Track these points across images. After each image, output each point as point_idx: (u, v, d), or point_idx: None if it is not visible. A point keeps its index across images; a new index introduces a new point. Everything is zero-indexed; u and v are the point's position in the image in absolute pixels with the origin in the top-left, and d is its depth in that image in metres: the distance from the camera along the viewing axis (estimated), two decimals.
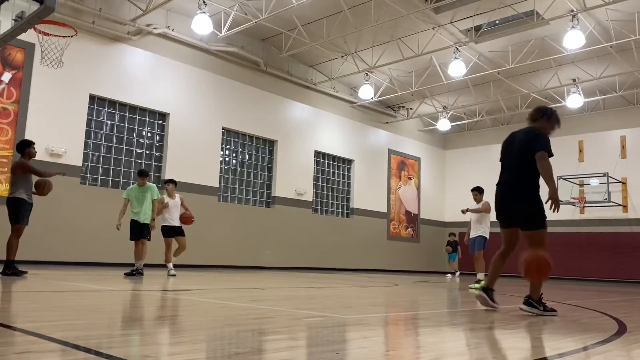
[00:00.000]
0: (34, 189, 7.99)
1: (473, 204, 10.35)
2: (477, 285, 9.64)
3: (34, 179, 8.04)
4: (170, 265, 9.75)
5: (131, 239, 9.19)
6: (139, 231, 9.11)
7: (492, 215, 10.26)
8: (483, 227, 10.12)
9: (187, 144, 14.84)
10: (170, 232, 9.82)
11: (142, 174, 9.36)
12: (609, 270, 19.28)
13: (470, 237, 10.26)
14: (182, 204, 10.00)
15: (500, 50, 16.22)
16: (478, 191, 10.39)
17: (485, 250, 10.09)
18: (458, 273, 18.08)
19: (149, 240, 9.24)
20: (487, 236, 10.13)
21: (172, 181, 10.07)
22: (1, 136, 11.72)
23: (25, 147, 8.07)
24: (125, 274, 8.87)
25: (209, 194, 15.15)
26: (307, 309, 4.80)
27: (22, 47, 11.96)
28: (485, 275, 9.81)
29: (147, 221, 9.15)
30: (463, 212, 10.40)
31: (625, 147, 19.62)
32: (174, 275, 9.41)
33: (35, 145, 8.24)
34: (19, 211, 7.70)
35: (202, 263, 14.30)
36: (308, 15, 14.65)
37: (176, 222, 9.86)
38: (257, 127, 16.80)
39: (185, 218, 9.96)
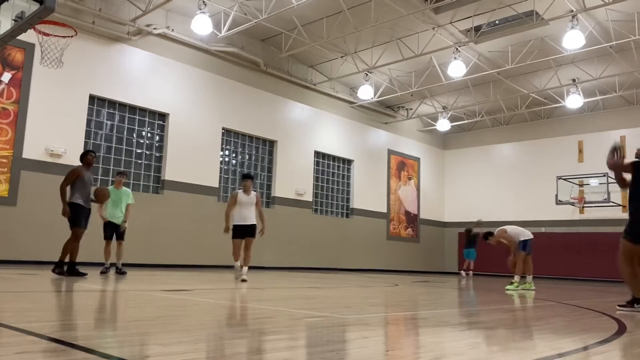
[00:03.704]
0: (92, 197, 8.46)
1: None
2: (512, 287, 9.63)
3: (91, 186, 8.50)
4: (245, 269, 8.81)
5: (107, 238, 9.38)
6: (116, 232, 9.45)
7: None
8: (524, 230, 9.92)
9: (187, 144, 14.84)
10: (239, 232, 8.86)
11: (124, 174, 9.82)
12: (608, 270, 19.21)
13: None
14: (256, 203, 8.96)
15: (500, 50, 16.22)
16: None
17: (529, 252, 9.81)
18: (467, 274, 17.19)
19: (123, 240, 9.57)
20: (527, 237, 9.76)
21: (249, 176, 9.11)
22: (1, 136, 11.72)
23: (83, 156, 8.52)
24: (101, 272, 9.10)
25: (209, 194, 15.15)
26: (307, 309, 4.80)
27: (22, 47, 11.96)
28: (522, 276, 9.77)
29: (119, 223, 9.46)
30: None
31: (625, 147, 19.59)
32: (245, 280, 8.47)
33: (92, 153, 8.60)
34: (74, 215, 8.06)
35: (202, 263, 14.31)
36: (308, 15, 14.65)
37: (248, 221, 8.89)
38: (257, 127, 16.80)
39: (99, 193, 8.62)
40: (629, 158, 5.84)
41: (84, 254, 11.36)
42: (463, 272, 17.64)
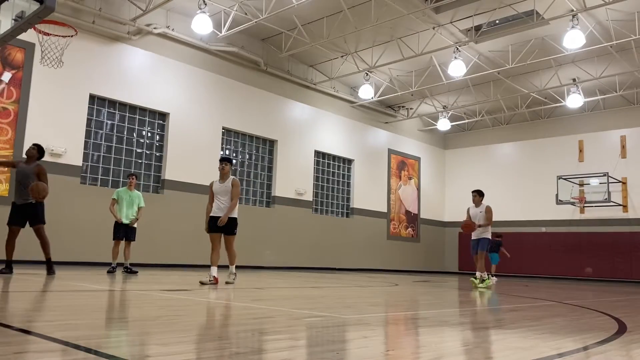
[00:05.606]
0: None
1: (472, 205, 10.34)
2: (483, 285, 9.73)
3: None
4: (232, 268, 8.00)
5: (117, 238, 9.55)
6: (127, 232, 9.64)
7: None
8: (487, 229, 10.17)
9: (187, 144, 14.84)
10: (213, 225, 7.82)
11: (135, 176, 10.04)
12: (609, 270, 19.27)
13: (474, 238, 10.25)
14: (232, 190, 7.74)
15: (500, 50, 16.22)
16: (478, 194, 10.35)
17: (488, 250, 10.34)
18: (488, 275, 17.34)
19: (134, 240, 9.82)
20: (490, 237, 10.32)
21: (224, 159, 7.94)
22: (1, 136, 11.71)
23: None
24: (108, 271, 9.28)
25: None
26: (307, 309, 4.80)
27: (22, 47, 11.96)
28: (490, 274, 9.89)
29: (130, 223, 9.68)
30: (475, 227, 10.19)
31: (625, 147, 19.61)
32: (229, 282, 7.79)
33: (31, 146, 8.47)
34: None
35: (202, 263, 14.29)
36: (308, 15, 14.65)
37: (222, 213, 7.77)
38: (257, 127, 16.79)
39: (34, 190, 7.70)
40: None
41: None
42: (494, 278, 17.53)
